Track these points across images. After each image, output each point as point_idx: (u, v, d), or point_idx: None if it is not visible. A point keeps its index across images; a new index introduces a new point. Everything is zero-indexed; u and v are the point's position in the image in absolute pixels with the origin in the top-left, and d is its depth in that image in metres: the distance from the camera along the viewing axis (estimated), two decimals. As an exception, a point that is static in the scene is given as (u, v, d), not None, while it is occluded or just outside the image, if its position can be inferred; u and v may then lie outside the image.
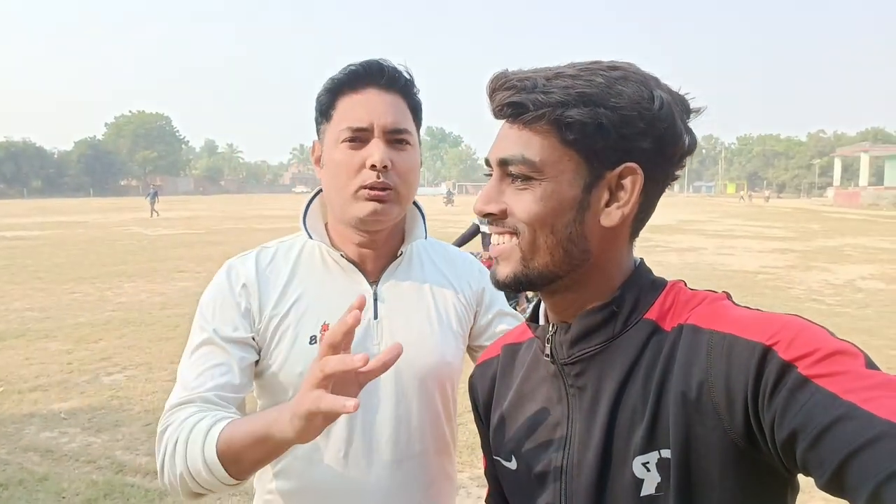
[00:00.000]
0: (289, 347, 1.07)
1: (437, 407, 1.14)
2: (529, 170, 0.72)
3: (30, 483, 3.36)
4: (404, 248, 1.16)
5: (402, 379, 1.09)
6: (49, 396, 4.76)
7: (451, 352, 1.15)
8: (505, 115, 0.74)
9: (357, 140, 1.05)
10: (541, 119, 0.71)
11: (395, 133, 1.06)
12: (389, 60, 1.09)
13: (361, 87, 1.06)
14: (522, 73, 0.73)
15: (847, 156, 53.73)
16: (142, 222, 24.92)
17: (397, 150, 1.07)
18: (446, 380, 1.15)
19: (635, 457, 0.69)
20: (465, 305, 1.21)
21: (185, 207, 40.04)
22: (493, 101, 0.74)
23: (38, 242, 16.55)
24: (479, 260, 1.33)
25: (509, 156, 0.73)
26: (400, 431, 1.09)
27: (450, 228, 15.39)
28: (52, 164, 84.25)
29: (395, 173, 1.06)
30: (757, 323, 0.66)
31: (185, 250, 14.51)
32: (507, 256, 0.76)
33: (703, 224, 24.71)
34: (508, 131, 0.74)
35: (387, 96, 1.07)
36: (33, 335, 6.58)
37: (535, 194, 0.73)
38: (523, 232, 0.73)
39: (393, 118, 1.06)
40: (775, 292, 9.20)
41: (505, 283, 0.77)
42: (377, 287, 1.13)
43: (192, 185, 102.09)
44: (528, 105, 0.71)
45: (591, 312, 0.76)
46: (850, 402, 0.54)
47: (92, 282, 10.06)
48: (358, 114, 1.05)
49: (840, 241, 17.57)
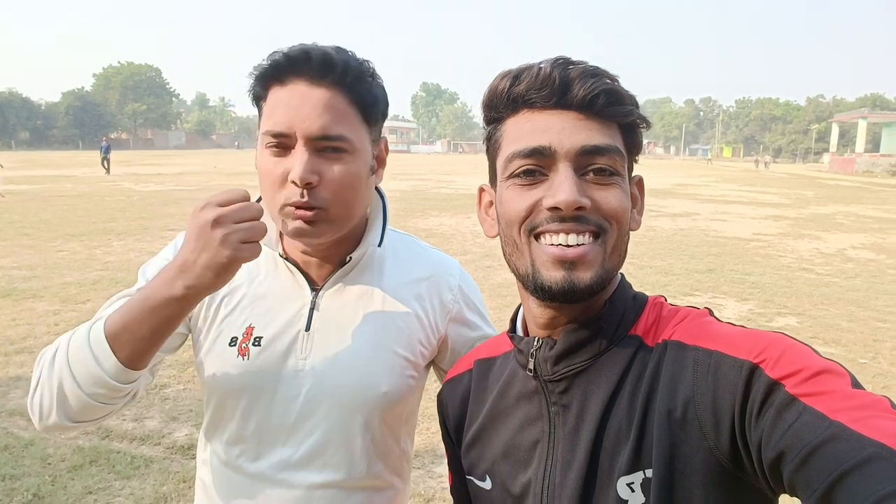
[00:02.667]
0: (209, 345, 0.99)
1: (366, 441, 0.99)
2: (620, 163, 0.70)
3: (15, 448, 3.36)
4: (355, 254, 1.00)
5: (324, 403, 0.97)
6: (35, 359, 4.73)
7: (391, 380, 0.97)
8: (587, 106, 0.68)
9: (280, 146, 0.89)
10: (629, 115, 0.70)
11: (324, 140, 0.88)
12: (321, 45, 0.90)
13: (287, 79, 0.88)
14: (585, 63, 0.71)
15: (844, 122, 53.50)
16: (132, 177, 24.61)
17: (330, 159, 0.89)
18: (380, 412, 0.98)
19: (620, 477, 0.67)
20: (428, 327, 1.03)
21: (174, 163, 39.49)
22: (572, 89, 0.68)
23: (26, 197, 16.33)
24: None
25: (603, 144, 0.68)
26: (314, 458, 0.97)
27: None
28: (39, 116, 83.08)
29: (325, 189, 0.88)
30: (743, 340, 0.64)
31: (175, 207, 14.34)
32: (591, 258, 0.68)
33: (697, 188, 24.66)
34: (583, 122, 0.68)
35: (317, 92, 0.87)
36: (19, 294, 6.52)
37: (622, 189, 0.70)
38: (611, 230, 0.69)
39: (320, 122, 0.87)
40: (766, 260, 9.23)
41: (592, 291, 0.69)
42: (318, 294, 1.00)
43: (184, 139, 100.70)
44: (625, 98, 0.70)
45: (578, 327, 0.72)
46: (838, 423, 0.53)
47: (80, 239, 9.96)
48: (278, 115, 0.88)
49: (833, 208, 17.60)
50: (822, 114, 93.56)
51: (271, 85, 0.90)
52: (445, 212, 14.39)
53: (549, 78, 0.68)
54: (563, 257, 0.67)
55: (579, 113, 0.68)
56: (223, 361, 0.98)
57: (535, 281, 0.69)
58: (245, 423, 0.98)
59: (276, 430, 0.97)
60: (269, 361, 0.97)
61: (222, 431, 1.01)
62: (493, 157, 0.77)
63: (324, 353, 0.97)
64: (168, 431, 3.63)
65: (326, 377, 0.97)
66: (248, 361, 0.97)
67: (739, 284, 7.57)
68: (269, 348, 0.97)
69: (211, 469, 1.04)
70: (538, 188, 0.69)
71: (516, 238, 0.71)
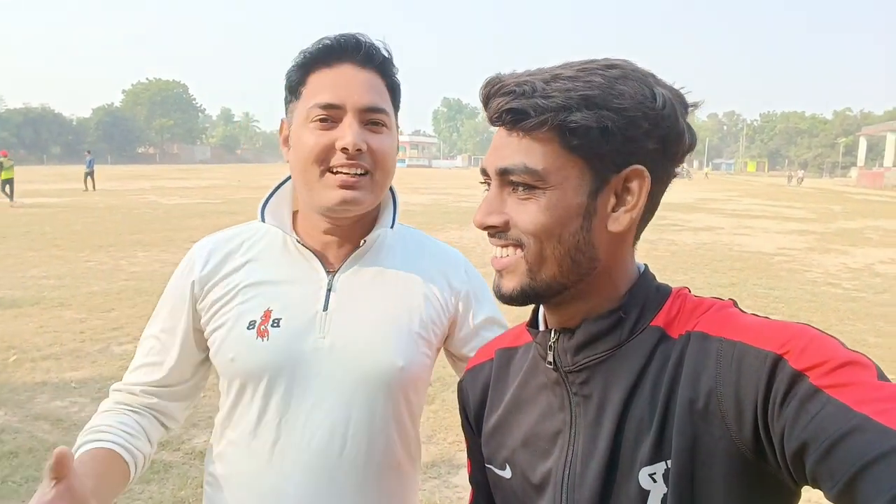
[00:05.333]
0: (226, 332, 1.02)
1: (385, 418, 1.02)
2: (533, 179, 0.69)
3: (39, 452, 3.43)
4: (369, 237, 1.05)
5: (345, 380, 0.99)
6: (61, 365, 4.85)
7: (407, 355, 1.02)
8: (503, 122, 0.70)
9: (328, 120, 0.97)
10: (543, 125, 0.67)
11: (372, 112, 0.98)
12: (367, 35, 1.01)
13: (335, 62, 0.99)
14: (518, 76, 0.70)
15: (872, 135, 52.52)
16: (158, 191, 25.10)
17: (373, 132, 0.99)
18: (398, 387, 1.02)
19: (642, 467, 0.67)
20: (440, 307, 1.08)
21: (200, 176, 40.22)
22: (488, 108, 0.71)
23: (57, 209, 16.75)
24: None
25: (510, 165, 0.70)
26: (333, 439, 0.99)
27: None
28: (70, 131, 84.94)
29: (371, 157, 0.98)
30: (768, 331, 0.64)
31: (199, 220, 14.60)
32: (512, 269, 0.73)
33: (721, 203, 24.36)
34: (507, 139, 0.71)
35: (363, 73, 0.99)
36: (48, 303, 6.69)
37: (539, 204, 0.70)
38: (529, 244, 0.71)
39: (370, 97, 0.98)
40: (791, 275, 9.07)
41: (511, 297, 0.73)
42: (334, 277, 1.04)
43: (209, 153, 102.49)
44: (529, 111, 0.67)
45: (597, 319, 0.73)
46: (862, 414, 0.53)
47: (107, 250, 10.19)
48: (330, 90, 0.97)
49: (861, 223, 17.25)
50: (850, 127, 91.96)
51: (318, 68, 0.99)
52: (466, 225, 14.40)
53: (482, 97, 0.72)
54: (494, 265, 0.76)
55: (506, 130, 0.71)
56: (243, 345, 1.00)
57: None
58: (266, 405, 1.00)
59: (296, 410, 0.99)
60: (289, 342, 1.00)
61: (242, 417, 1.03)
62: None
63: (342, 332, 1.01)
64: (188, 437, 3.68)
65: (345, 354, 1.00)
66: (269, 342, 0.99)
67: (763, 299, 7.45)
68: (288, 329, 1.00)
69: (227, 461, 1.05)
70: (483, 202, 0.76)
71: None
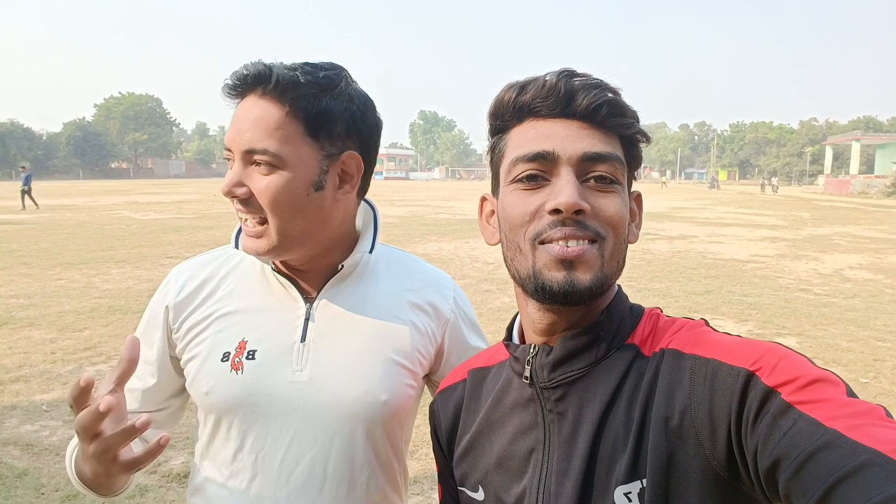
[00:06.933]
0: (200, 364, 0.98)
1: (367, 453, 0.97)
2: (620, 172, 0.71)
3: (8, 479, 3.32)
4: (347, 261, 0.99)
5: (324, 415, 0.95)
6: (31, 387, 4.70)
7: (390, 389, 0.96)
8: (595, 114, 0.70)
9: (230, 160, 0.94)
10: (630, 127, 0.72)
11: (249, 154, 0.89)
12: (272, 61, 0.90)
13: (243, 93, 0.91)
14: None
15: (838, 144, 53.92)
16: (132, 206, 24.69)
17: (258, 173, 0.89)
18: (381, 422, 0.97)
19: (617, 486, 0.67)
20: (425, 336, 1.02)
21: (174, 191, 39.65)
22: (580, 96, 0.70)
23: (26, 227, 16.34)
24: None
25: (606, 152, 0.70)
26: (313, 476, 0.95)
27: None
28: (40, 146, 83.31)
29: (257, 201, 0.90)
30: (740, 349, 0.65)
31: (174, 235, 14.35)
32: (588, 261, 0.69)
33: (694, 211, 24.75)
34: (584, 130, 0.71)
35: (260, 104, 0.88)
36: (17, 323, 6.49)
37: (620, 198, 0.71)
38: (607, 236, 0.70)
39: (248, 136, 0.88)
40: (764, 281, 9.22)
41: (591, 292, 0.69)
42: (311, 306, 0.99)
43: (184, 168, 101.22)
44: (629, 111, 0.71)
45: (576, 335, 0.73)
46: (834, 430, 0.53)
47: (79, 267, 9.94)
48: (229, 130, 0.92)
49: (829, 229, 17.64)
50: (816, 136, 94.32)
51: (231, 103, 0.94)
52: (444, 237, 14.41)
53: (555, 88, 0.71)
54: (563, 256, 0.68)
55: (583, 122, 0.71)
56: (216, 378, 0.96)
57: (537, 281, 0.70)
58: (242, 441, 0.96)
59: (274, 446, 0.95)
60: (265, 375, 0.95)
61: (218, 451, 0.99)
62: (496, 166, 0.78)
63: (321, 364, 0.96)
64: (164, 460, 3.58)
65: (325, 388, 0.95)
66: (242, 376, 0.95)
67: (738, 305, 7.56)
68: (263, 361, 0.96)
69: (206, 496, 1.01)
70: (540, 192, 0.71)
71: (520, 242, 0.72)
